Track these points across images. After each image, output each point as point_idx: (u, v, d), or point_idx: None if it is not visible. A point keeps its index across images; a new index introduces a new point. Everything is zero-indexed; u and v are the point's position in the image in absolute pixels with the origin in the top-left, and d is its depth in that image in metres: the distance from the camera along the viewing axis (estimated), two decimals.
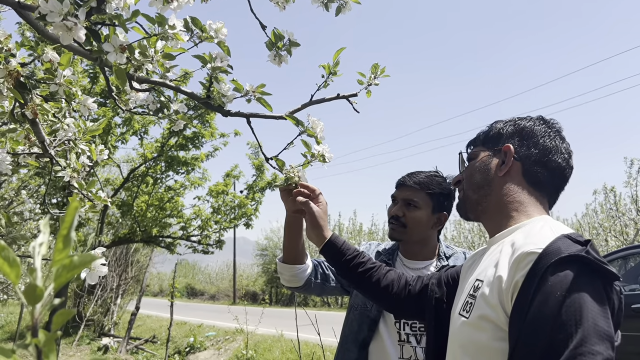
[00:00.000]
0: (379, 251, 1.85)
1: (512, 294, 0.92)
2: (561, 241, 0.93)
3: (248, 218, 7.56)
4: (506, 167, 1.13)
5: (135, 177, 7.35)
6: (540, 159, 1.12)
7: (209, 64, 1.28)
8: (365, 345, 1.67)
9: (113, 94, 1.35)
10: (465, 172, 1.23)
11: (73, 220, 0.39)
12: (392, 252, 1.81)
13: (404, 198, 1.73)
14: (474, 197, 1.19)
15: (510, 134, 1.17)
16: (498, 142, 1.18)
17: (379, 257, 1.81)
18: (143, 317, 15.51)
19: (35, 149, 1.65)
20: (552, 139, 1.14)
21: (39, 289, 0.37)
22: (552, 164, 1.12)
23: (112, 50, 0.98)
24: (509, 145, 1.14)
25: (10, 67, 1.03)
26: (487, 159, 1.18)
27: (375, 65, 1.42)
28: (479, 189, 1.18)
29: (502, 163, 1.14)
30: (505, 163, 1.13)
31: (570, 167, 1.15)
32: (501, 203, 1.13)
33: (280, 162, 1.37)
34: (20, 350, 0.38)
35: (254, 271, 27.28)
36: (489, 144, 1.20)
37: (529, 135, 1.15)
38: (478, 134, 1.26)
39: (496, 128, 1.21)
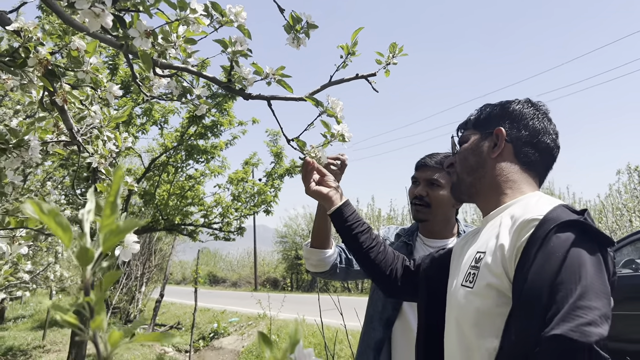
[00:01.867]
0: (398, 233, 1.87)
1: (515, 259, 0.96)
2: (560, 209, 0.98)
3: (268, 205, 7.62)
4: (499, 149, 1.17)
5: (156, 166, 7.45)
6: (531, 140, 1.17)
7: (230, 47, 1.31)
8: (390, 323, 1.70)
9: (137, 81, 1.38)
10: (458, 156, 1.27)
11: (119, 188, 0.41)
12: (412, 232, 1.83)
13: (427, 178, 1.75)
14: (468, 179, 1.23)
15: (500, 117, 1.21)
16: (489, 126, 1.22)
17: (398, 238, 1.83)
18: (167, 304, 15.82)
19: (63, 137, 1.70)
20: (540, 121, 1.19)
21: (90, 252, 0.40)
22: (542, 144, 1.17)
23: (137, 36, 1.01)
24: (500, 129, 1.18)
25: (40, 56, 1.06)
26: (479, 142, 1.22)
27: (394, 45, 1.43)
28: (473, 171, 1.21)
29: (495, 145, 1.19)
30: (498, 145, 1.18)
31: (557, 147, 1.20)
32: (495, 183, 1.17)
33: (301, 143, 1.39)
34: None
35: (274, 258, 27.52)
36: (480, 128, 1.24)
37: (519, 117, 1.19)
38: (468, 118, 1.30)
39: (486, 112, 1.25)
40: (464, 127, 1.31)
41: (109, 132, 1.67)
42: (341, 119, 1.36)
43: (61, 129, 1.66)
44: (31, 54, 1.06)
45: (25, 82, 1.23)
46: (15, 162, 1.23)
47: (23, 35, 1.05)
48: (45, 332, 11.36)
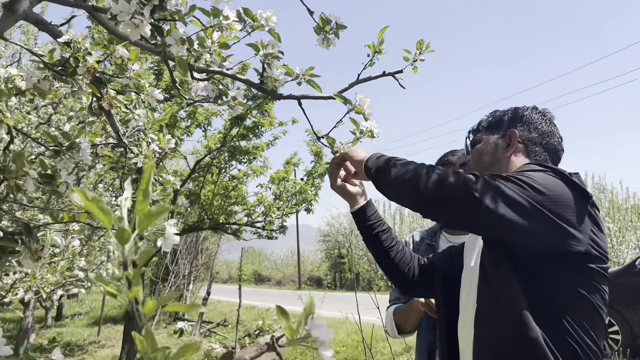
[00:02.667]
0: (422, 237, 1.89)
1: None
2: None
3: (308, 203, 7.71)
4: (512, 148, 1.28)
5: (201, 167, 7.67)
6: (540, 141, 1.29)
7: (262, 50, 1.37)
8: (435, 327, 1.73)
9: (177, 85, 1.47)
10: (472, 155, 1.37)
11: (150, 177, 0.48)
12: (434, 233, 1.86)
13: None
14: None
15: (512, 120, 1.34)
16: (501, 128, 1.34)
17: (422, 242, 1.85)
18: (214, 302, 16.21)
19: (111, 139, 1.81)
20: (547, 125, 1.31)
21: (127, 232, 0.47)
22: (550, 145, 1.29)
23: (173, 43, 1.09)
24: (514, 130, 1.30)
25: (88, 65, 1.16)
26: (493, 142, 1.33)
27: (421, 42, 1.46)
28: (487, 168, 1.30)
29: (508, 145, 1.30)
30: (512, 144, 1.29)
31: (562, 149, 1.32)
32: None
33: (331, 140, 1.44)
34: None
35: (317, 257, 27.69)
36: (493, 130, 1.35)
37: (529, 121, 1.32)
38: (480, 122, 1.42)
39: (498, 116, 1.37)
40: (476, 130, 1.41)
41: (152, 134, 1.77)
42: (369, 116, 1.40)
43: (109, 132, 1.78)
44: (80, 63, 1.16)
45: (75, 89, 1.33)
46: (68, 163, 1.33)
47: (72, 46, 1.15)
48: (100, 329, 11.88)
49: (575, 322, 1.01)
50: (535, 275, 1.03)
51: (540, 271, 1.03)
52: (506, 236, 1.04)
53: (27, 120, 3.24)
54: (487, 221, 1.03)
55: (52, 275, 2.57)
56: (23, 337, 9.15)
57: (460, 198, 1.03)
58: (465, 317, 1.22)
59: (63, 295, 10.31)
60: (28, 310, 9.33)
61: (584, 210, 1.05)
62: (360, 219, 1.44)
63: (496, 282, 1.09)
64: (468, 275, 1.28)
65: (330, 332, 0.51)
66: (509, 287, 1.04)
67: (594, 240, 1.04)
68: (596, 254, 1.04)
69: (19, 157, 1.05)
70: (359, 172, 1.35)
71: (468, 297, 1.23)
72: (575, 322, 1.01)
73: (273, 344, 0.40)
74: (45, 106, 3.89)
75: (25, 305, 8.93)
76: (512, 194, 1.01)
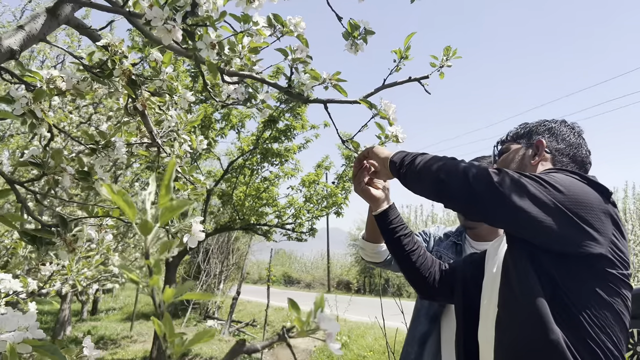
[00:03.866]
0: (446, 233, 1.89)
1: None
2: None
3: (338, 207, 7.73)
4: (539, 157, 1.30)
5: (234, 169, 7.79)
6: (568, 152, 1.30)
7: (290, 55, 1.41)
8: (436, 317, 1.74)
9: (208, 88, 1.52)
10: (498, 163, 1.39)
11: (172, 173, 0.52)
12: (460, 233, 1.86)
13: None
14: None
15: (540, 131, 1.35)
16: (529, 138, 1.36)
17: (447, 238, 1.85)
18: (243, 302, 16.39)
19: (145, 139, 1.89)
20: (576, 138, 1.33)
21: (150, 224, 0.50)
22: (577, 157, 1.31)
23: (203, 47, 1.14)
24: (541, 140, 1.32)
25: (123, 67, 1.22)
26: (520, 151, 1.35)
27: (448, 48, 1.47)
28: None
29: (535, 154, 1.31)
30: (539, 153, 1.31)
31: (589, 163, 1.33)
32: None
33: (355, 144, 1.47)
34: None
35: (347, 261, 27.64)
36: (521, 140, 1.38)
37: (557, 132, 1.33)
38: (508, 133, 1.44)
39: (527, 127, 1.39)
40: (504, 140, 1.43)
41: (185, 135, 1.83)
42: (393, 121, 1.42)
43: (144, 132, 1.85)
44: (116, 66, 1.22)
45: (112, 90, 1.40)
46: (104, 160, 1.40)
47: (110, 49, 1.21)
48: (133, 324, 12.18)
49: (596, 325, 1.00)
50: (556, 277, 1.03)
51: (561, 273, 1.03)
52: (525, 232, 1.05)
53: (68, 120, 3.37)
54: (509, 215, 1.04)
55: (87, 269, 2.67)
56: (60, 329, 9.48)
57: (484, 190, 1.05)
58: (487, 323, 1.22)
59: (98, 289, 10.61)
60: (65, 304, 9.66)
61: (606, 213, 1.05)
62: (382, 222, 1.46)
63: (518, 286, 1.09)
64: (489, 282, 1.28)
65: (338, 326, 0.53)
66: (531, 289, 1.04)
67: (615, 244, 1.04)
68: (617, 259, 1.03)
69: (57, 153, 1.11)
70: (382, 170, 1.36)
71: (490, 302, 1.23)
72: (597, 325, 1.00)
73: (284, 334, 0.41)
74: (86, 106, 4.04)
75: (63, 298, 9.25)
76: (534, 191, 1.03)
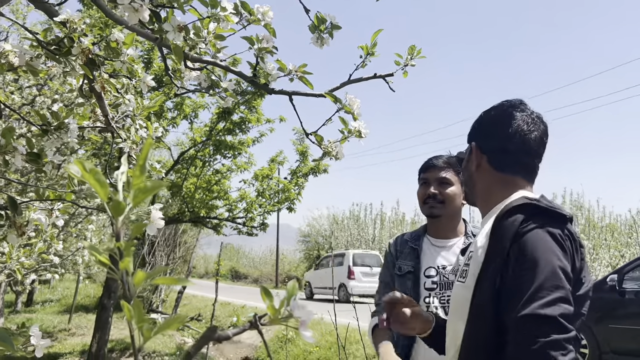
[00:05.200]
0: (406, 239, 1.92)
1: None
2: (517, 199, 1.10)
3: (291, 202, 7.72)
4: (475, 162, 1.27)
5: (184, 159, 7.63)
6: (500, 147, 1.22)
7: (256, 44, 1.39)
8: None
9: (169, 73, 1.48)
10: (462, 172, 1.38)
11: (147, 154, 0.50)
12: (418, 237, 1.89)
13: (437, 178, 1.83)
14: (467, 190, 1.39)
15: (475, 130, 1.31)
16: (470, 140, 1.32)
17: (406, 245, 1.88)
18: (189, 296, 16.10)
19: (99, 123, 1.81)
20: (507, 124, 1.21)
21: (122, 205, 0.48)
22: (511, 147, 1.20)
23: (171, 30, 1.10)
24: (473, 144, 1.28)
25: (83, 46, 1.17)
26: (468, 157, 1.32)
27: (412, 47, 1.49)
28: (466, 184, 1.36)
29: (476, 163, 1.27)
30: (473, 159, 1.27)
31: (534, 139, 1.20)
32: (482, 193, 1.27)
33: (319, 138, 1.47)
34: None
35: (296, 257, 27.70)
36: (470, 140, 1.33)
37: (488, 127, 1.27)
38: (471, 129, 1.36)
39: (473, 124, 1.34)
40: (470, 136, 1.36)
41: (141, 121, 1.78)
42: (358, 116, 1.43)
43: (97, 116, 1.78)
44: (75, 44, 1.17)
45: (67, 70, 1.33)
46: (56, 142, 1.33)
47: (69, 26, 1.16)
48: (71, 316, 11.72)
49: None
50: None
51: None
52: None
53: (10, 100, 3.20)
54: None
55: (27, 258, 2.54)
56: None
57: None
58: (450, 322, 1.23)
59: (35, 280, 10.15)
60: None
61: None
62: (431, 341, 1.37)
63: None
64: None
65: (311, 313, 0.53)
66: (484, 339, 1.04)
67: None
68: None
69: (9, 132, 1.05)
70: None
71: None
72: None
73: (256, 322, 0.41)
74: (30, 87, 3.84)
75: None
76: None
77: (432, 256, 1.83)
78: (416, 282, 1.79)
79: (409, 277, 1.80)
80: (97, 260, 0.48)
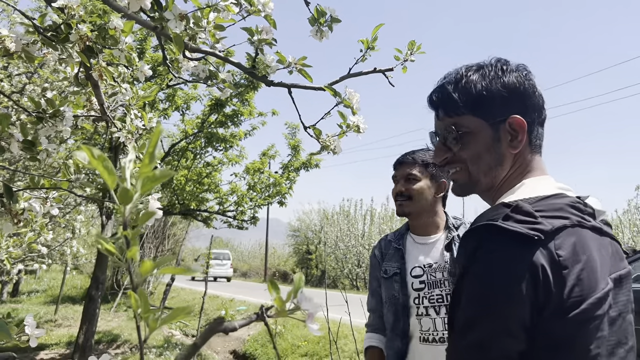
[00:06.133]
0: (390, 240, 1.92)
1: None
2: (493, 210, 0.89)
3: (282, 196, 7.71)
4: (520, 143, 0.95)
5: (175, 151, 7.58)
6: (540, 121, 0.98)
7: (256, 36, 1.38)
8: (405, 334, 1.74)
9: (167, 62, 1.46)
10: (465, 151, 0.99)
11: (157, 140, 0.49)
12: (401, 235, 1.89)
13: (404, 175, 1.84)
14: (485, 180, 0.99)
15: (505, 98, 0.96)
16: (493, 109, 0.96)
17: (390, 245, 1.87)
18: (177, 289, 16.06)
19: (93, 112, 1.79)
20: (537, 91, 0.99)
21: (130, 192, 0.47)
22: (544, 119, 1.00)
23: (172, 18, 1.09)
24: (520, 119, 0.94)
25: (81, 32, 1.15)
26: (491, 134, 0.97)
27: (412, 42, 1.49)
28: (490, 170, 0.98)
29: (513, 138, 0.96)
30: (520, 139, 0.95)
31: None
32: (510, 179, 0.98)
33: (317, 131, 1.46)
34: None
35: (285, 251, 27.71)
36: (482, 112, 0.97)
37: (523, 95, 0.97)
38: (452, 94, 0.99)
39: (476, 87, 0.97)
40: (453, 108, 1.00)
41: (136, 110, 1.76)
42: (357, 111, 1.42)
43: (92, 105, 1.75)
44: (73, 30, 1.15)
45: (64, 57, 1.31)
46: (50, 130, 1.31)
47: (67, 12, 1.14)
48: (58, 307, 11.64)
49: None
50: None
51: None
52: None
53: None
54: None
55: (16, 247, 2.51)
56: None
57: None
58: None
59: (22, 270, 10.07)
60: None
61: None
62: None
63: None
64: None
65: (319, 306, 0.53)
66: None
67: None
68: None
69: (5, 118, 1.03)
70: None
71: None
72: None
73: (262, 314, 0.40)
74: (19, 75, 3.79)
75: None
76: None
77: (417, 255, 1.81)
78: (403, 284, 1.77)
79: (395, 280, 1.79)
80: (104, 249, 0.47)
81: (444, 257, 1.75)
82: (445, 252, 1.75)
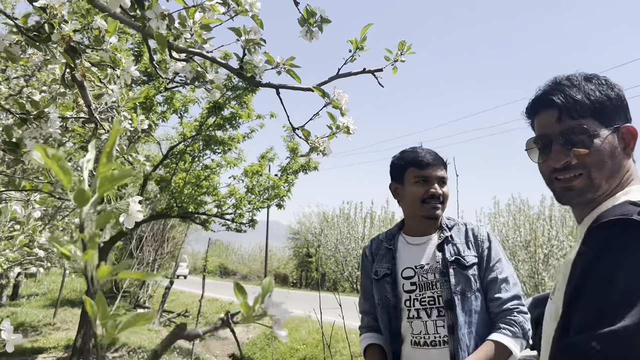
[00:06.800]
0: (381, 240, 1.88)
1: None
2: (619, 207, 0.89)
3: (280, 199, 7.69)
4: (632, 150, 0.99)
5: (174, 154, 7.57)
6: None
7: (243, 36, 1.36)
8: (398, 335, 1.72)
9: (154, 63, 1.44)
10: (591, 156, 0.97)
11: (115, 140, 0.47)
12: (393, 235, 1.84)
13: (437, 176, 1.74)
14: (605, 186, 0.98)
15: (617, 107, 1.00)
16: (610, 117, 0.98)
17: (381, 245, 1.84)
18: (176, 292, 16.03)
19: (82, 114, 1.77)
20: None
21: (87, 193, 0.46)
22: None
23: (153, 17, 1.07)
24: (633, 127, 0.98)
25: (63, 32, 1.13)
26: (612, 140, 0.97)
27: (402, 43, 1.47)
28: (610, 177, 0.98)
29: (626, 145, 0.99)
30: (631, 146, 0.99)
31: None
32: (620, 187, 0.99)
33: (306, 132, 1.44)
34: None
35: (285, 254, 27.69)
36: (603, 118, 0.98)
37: (627, 107, 1.02)
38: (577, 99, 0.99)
39: (596, 95, 0.99)
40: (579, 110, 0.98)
41: (125, 112, 1.74)
42: (346, 112, 1.40)
43: (81, 106, 1.74)
44: (55, 30, 1.13)
45: (48, 58, 1.30)
46: (34, 132, 1.30)
47: (49, 11, 1.12)
48: (57, 311, 11.61)
49: None
50: None
51: None
52: None
53: None
54: None
55: (10, 250, 2.49)
56: None
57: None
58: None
59: (21, 273, 10.04)
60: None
61: None
62: None
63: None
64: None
65: (287, 312, 0.51)
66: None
67: None
68: None
69: None
70: None
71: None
72: None
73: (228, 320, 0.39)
74: (17, 78, 3.78)
75: None
76: None
77: (408, 256, 1.77)
78: (394, 286, 1.74)
79: (387, 281, 1.75)
80: (59, 251, 0.45)
81: (436, 257, 1.71)
82: (438, 252, 1.72)
